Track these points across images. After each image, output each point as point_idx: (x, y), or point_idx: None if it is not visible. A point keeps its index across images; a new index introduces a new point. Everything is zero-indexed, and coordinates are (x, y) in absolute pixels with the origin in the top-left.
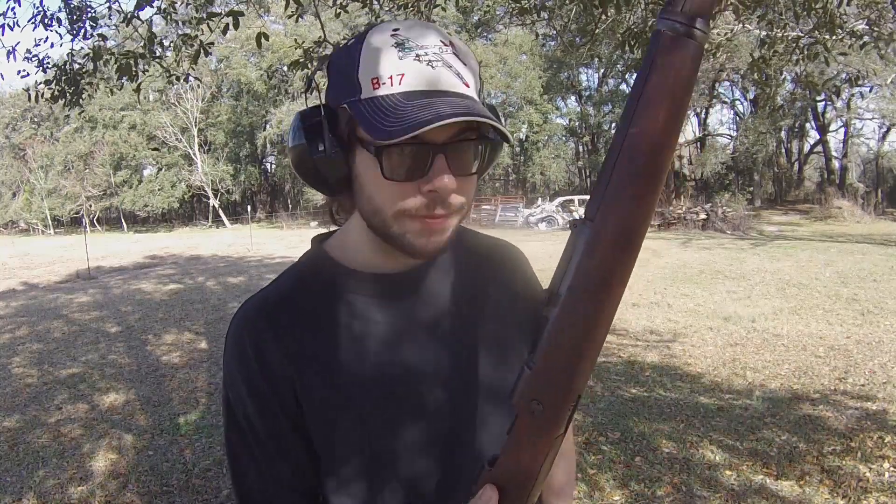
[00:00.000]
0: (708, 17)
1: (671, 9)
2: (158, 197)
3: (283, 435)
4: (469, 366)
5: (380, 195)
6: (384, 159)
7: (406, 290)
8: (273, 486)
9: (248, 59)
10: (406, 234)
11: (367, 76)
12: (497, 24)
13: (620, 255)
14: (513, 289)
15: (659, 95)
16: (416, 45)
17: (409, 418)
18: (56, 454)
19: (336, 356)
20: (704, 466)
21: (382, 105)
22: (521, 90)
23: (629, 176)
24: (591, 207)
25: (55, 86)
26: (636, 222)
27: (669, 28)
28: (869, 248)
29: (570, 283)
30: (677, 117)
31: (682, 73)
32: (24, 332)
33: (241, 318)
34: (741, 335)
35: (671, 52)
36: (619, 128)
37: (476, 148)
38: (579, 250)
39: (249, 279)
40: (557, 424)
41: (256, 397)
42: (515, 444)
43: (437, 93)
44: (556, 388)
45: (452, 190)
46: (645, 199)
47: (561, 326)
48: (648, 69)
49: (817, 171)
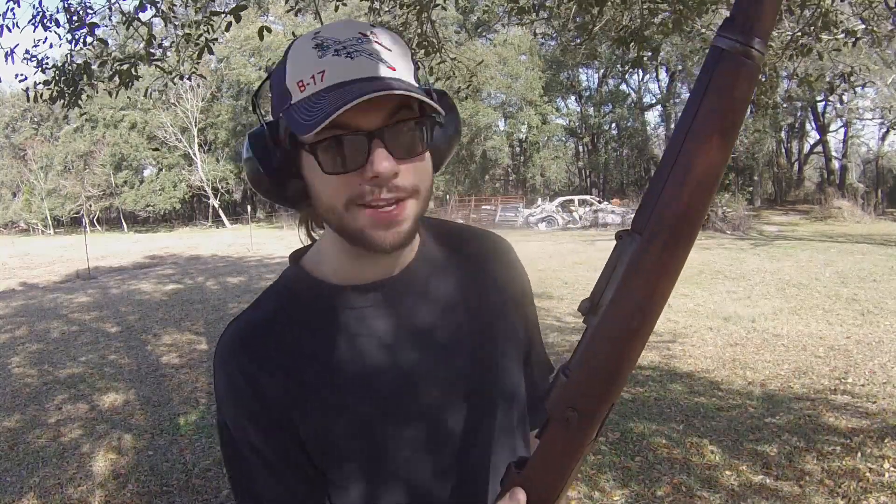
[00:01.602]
0: (767, 38)
1: (733, 27)
2: (159, 197)
3: (289, 453)
4: (462, 365)
5: (326, 191)
6: (320, 155)
7: (393, 295)
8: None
9: (247, 60)
10: (363, 230)
11: (293, 81)
12: (496, 23)
13: (667, 270)
14: (500, 281)
15: (716, 113)
16: (334, 42)
17: (406, 421)
18: (56, 454)
19: (328, 378)
20: (704, 467)
21: (307, 104)
22: (520, 90)
23: (682, 192)
24: (639, 220)
25: (54, 86)
26: (685, 239)
27: (730, 46)
28: (869, 248)
29: (613, 296)
30: (732, 135)
31: (740, 93)
32: (24, 332)
33: (225, 345)
34: (741, 335)
35: (730, 71)
36: (673, 141)
37: (419, 128)
38: (624, 263)
39: (249, 279)
40: (592, 431)
41: (257, 422)
42: (548, 449)
43: (356, 81)
44: (593, 397)
45: (394, 173)
46: (696, 216)
47: (602, 337)
48: (707, 86)
49: (817, 172)
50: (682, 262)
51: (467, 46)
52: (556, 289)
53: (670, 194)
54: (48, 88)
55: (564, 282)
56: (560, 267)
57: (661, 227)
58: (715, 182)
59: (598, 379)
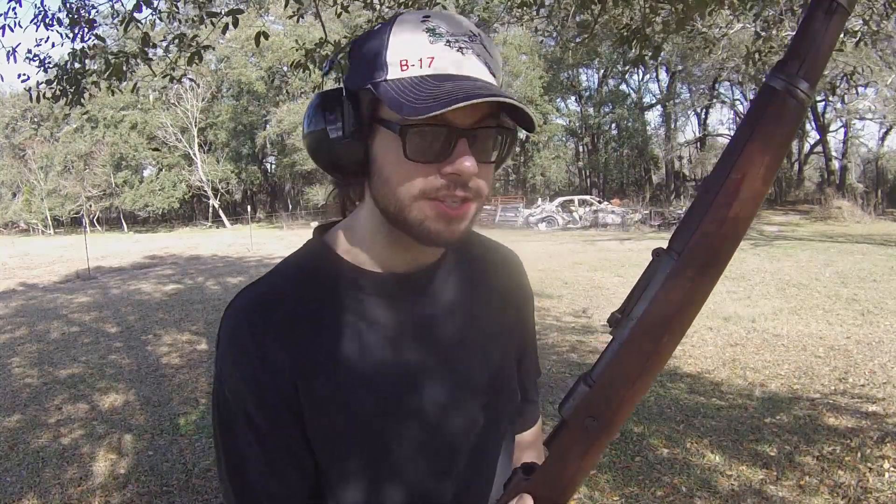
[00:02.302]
0: (815, 84)
1: (787, 70)
2: (159, 197)
3: (287, 432)
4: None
5: (398, 177)
6: (408, 139)
7: (410, 291)
8: (277, 485)
9: (248, 59)
10: (424, 221)
11: (395, 57)
12: (496, 23)
13: (699, 292)
14: (506, 291)
15: (763, 148)
16: (447, 32)
17: (409, 420)
18: (56, 454)
19: (337, 357)
20: (704, 467)
21: (410, 86)
22: (521, 90)
23: (724, 219)
24: (678, 240)
25: (56, 85)
26: (721, 262)
27: (781, 87)
28: (869, 249)
29: (644, 311)
30: (775, 169)
31: (785, 131)
32: (24, 332)
33: (237, 312)
34: (741, 335)
35: (779, 110)
36: (720, 169)
37: (496, 136)
38: (659, 281)
39: (249, 279)
40: (608, 440)
41: (258, 393)
42: (562, 456)
43: (465, 77)
44: (614, 407)
45: (474, 173)
46: (733, 244)
47: (629, 350)
48: (757, 122)
49: (817, 172)
50: (715, 284)
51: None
52: (555, 289)
53: (712, 220)
54: (50, 88)
55: (564, 282)
56: (560, 267)
57: (700, 250)
58: (754, 212)
59: (622, 390)
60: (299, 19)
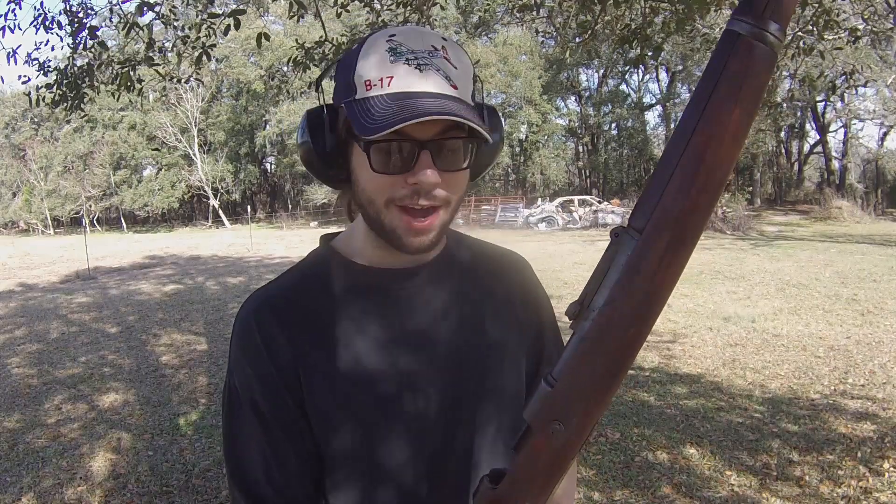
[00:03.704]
0: (786, 24)
1: (749, 10)
2: (158, 197)
3: (290, 419)
4: (467, 370)
5: (369, 185)
6: (372, 154)
7: (409, 286)
8: (279, 473)
9: (247, 59)
10: (396, 230)
11: (360, 79)
12: (496, 23)
13: (668, 273)
14: (514, 296)
15: (731, 103)
16: (407, 50)
17: (405, 421)
18: (55, 454)
19: (337, 355)
20: (704, 467)
21: (371, 105)
22: (520, 90)
23: (690, 187)
24: (638, 218)
25: (56, 90)
26: (690, 239)
27: (746, 31)
28: (869, 249)
29: (607, 299)
30: (746, 127)
31: (755, 81)
32: (24, 332)
33: (247, 312)
34: (741, 335)
35: (746, 58)
36: (680, 132)
37: (465, 146)
38: (620, 264)
39: (249, 279)
40: (578, 445)
41: (264, 381)
42: (530, 463)
43: (421, 94)
44: (581, 408)
45: (435, 184)
46: (703, 215)
47: (593, 345)
48: (719, 74)
49: (817, 172)
50: (684, 264)
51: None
52: (556, 289)
53: (676, 189)
54: (50, 92)
55: (564, 282)
56: (560, 267)
57: (665, 226)
58: (725, 178)
59: (588, 391)
60: (299, 19)
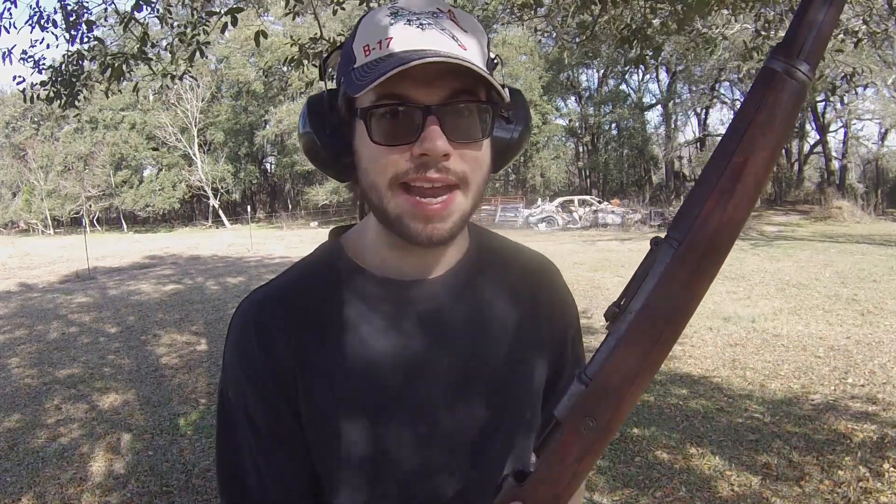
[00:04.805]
0: (816, 65)
1: (787, 51)
2: (159, 197)
3: (284, 428)
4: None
5: (371, 164)
6: (371, 122)
7: (418, 297)
8: (273, 483)
9: (247, 59)
10: (402, 217)
11: (359, 45)
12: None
13: (701, 282)
14: (544, 310)
15: (766, 131)
16: (409, 12)
17: (409, 424)
18: (55, 454)
19: (338, 357)
20: (704, 467)
21: (366, 68)
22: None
23: (727, 205)
24: (679, 228)
25: (51, 87)
26: (723, 250)
27: (782, 69)
28: (869, 249)
29: (643, 304)
30: (778, 152)
31: (788, 113)
32: (23, 332)
33: (246, 307)
34: (741, 335)
35: (782, 92)
36: (720, 153)
37: (480, 115)
38: (658, 271)
39: (249, 279)
40: (607, 441)
41: (258, 387)
42: (559, 459)
43: (421, 51)
44: (613, 405)
45: (445, 152)
46: (736, 230)
47: (628, 346)
48: (758, 105)
49: (817, 172)
50: (717, 273)
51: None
52: None
53: (714, 206)
54: (45, 89)
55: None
56: (560, 267)
57: (702, 239)
58: (757, 196)
59: (621, 388)
60: (295, 17)
